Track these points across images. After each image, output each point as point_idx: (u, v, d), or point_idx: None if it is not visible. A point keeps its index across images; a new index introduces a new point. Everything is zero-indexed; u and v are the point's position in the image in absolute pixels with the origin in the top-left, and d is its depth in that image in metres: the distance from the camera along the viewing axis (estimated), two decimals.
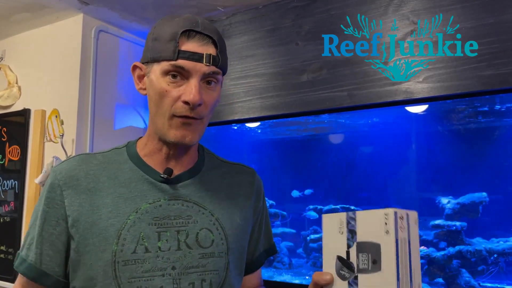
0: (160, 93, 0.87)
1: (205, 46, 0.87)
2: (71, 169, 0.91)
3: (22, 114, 2.47)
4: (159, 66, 0.87)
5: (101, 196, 0.89)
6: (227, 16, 2.27)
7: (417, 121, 2.57)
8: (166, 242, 0.88)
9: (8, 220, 2.47)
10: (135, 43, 2.59)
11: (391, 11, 1.81)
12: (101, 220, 0.87)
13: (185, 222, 0.91)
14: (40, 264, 0.88)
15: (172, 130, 0.87)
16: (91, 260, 0.86)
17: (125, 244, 0.86)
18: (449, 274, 2.06)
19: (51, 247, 0.89)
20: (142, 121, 2.60)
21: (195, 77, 0.86)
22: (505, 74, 1.56)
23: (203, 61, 0.86)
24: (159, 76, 0.87)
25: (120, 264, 0.85)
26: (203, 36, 0.87)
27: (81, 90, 2.29)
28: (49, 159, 2.21)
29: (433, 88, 1.70)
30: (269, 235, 1.13)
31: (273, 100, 2.07)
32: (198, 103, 0.85)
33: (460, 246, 2.07)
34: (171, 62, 0.85)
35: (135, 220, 0.88)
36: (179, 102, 0.86)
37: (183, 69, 0.85)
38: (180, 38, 0.86)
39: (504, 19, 1.59)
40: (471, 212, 2.17)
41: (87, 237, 0.87)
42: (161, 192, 0.92)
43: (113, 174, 0.92)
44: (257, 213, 1.06)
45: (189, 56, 0.85)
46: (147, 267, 0.86)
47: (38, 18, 2.40)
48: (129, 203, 0.89)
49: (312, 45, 1.99)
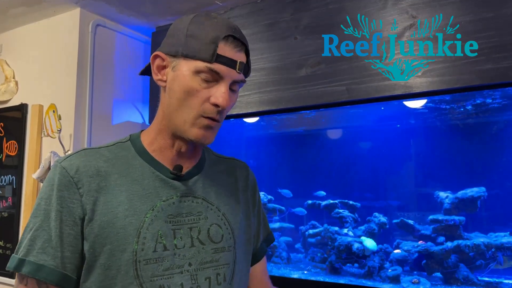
0: (188, 91, 0.87)
1: (239, 53, 0.88)
2: (82, 165, 0.88)
3: (19, 109, 2.46)
4: (191, 64, 0.86)
5: (115, 194, 0.87)
6: (225, 10, 2.26)
7: (416, 116, 2.57)
8: (181, 239, 0.89)
9: (6, 216, 2.47)
10: (132, 37, 2.58)
11: (390, 5, 1.80)
12: (118, 219, 0.85)
13: (196, 218, 0.92)
14: (64, 267, 0.84)
15: (195, 129, 0.88)
16: (109, 261, 0.84)
17: (145, 243, 0.85)
18: (447, 268, 2.06)
19: (69, 248, 0.85)
20: (140, 116, 2.59)
21: (226, 82, 0.87)
22: (505, 68, 1.56)
23: (236, 68, 0.87)
24: (190, 73, 0.86)
25: (141, 263, 0.84)
26: (239, 43, 0.88)
27: (78, 84, 2.28)
28: (47, 154, 2.20)
29: (432, 83, 1.69)
30: (266, 223, 1.16)
31: (271, 95, 2.07)
32: (226, 108, 0.87)
33: (458, 240, 2.07)
34: (207, 64, 0.85)
35: (152, 218, 0.87)
36: (207, 104, 0.87)
37: (217, 73, 0.86)
38: (220, 42, 0.86)
39: (503, 13, 1.58)
40: (470, 206, 2.17)
41: (103, 236, 0.84)
42: (173, 189, 0.92)
43: (124, 171, 0.91)
44: (255, 205, 1.09)
45: (226, 62, 0.86)
46: (166, 265, 0.86)
47: (35, 12, 2.39)
48: (145, 200, 0.88)
49: (311, 39, 1.98)
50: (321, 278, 2.26)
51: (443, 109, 2.39)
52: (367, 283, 2.14)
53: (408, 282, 2.04)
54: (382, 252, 2.28)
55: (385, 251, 2.31)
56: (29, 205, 2.32)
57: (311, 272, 2.40)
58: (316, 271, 2.40)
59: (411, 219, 2.34)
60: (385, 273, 2.15)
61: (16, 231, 2.38)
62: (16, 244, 2.47)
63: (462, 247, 2.03)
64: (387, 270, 2.17)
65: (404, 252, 2.24)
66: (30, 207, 2.31)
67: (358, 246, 2.26)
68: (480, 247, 2.01)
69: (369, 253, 2.24)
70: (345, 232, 2.46)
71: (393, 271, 2.13)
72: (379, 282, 2.13)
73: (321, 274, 2.34)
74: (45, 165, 2.15)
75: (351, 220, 2.53)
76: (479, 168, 2.40)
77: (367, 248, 2.25)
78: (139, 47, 2.62)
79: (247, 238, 1.02)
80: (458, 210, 2.18)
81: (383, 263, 2.22)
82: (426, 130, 2.66)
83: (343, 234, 2.44)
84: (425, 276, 2.12)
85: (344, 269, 2.34)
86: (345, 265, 2.35)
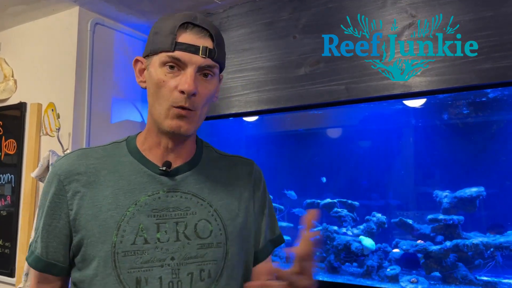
0: (157, 83, 0.89)
1: (201, 39, 0.89)
2: (71, 163, 0.93)
3: (18, 108, 2.46)
4: (157, 58, 0.90)
5: (101, 189, 0.91)
6: (224, 9, 2.26)
7: (415, 115, 2.57)
8: (165, 233, 0.90)
9: (4, 214, 2.47)
10: (131, 36, 2.58)
11: (389, 3, 1.80)
12: (101, 212, 0.89)
13: (184, 213, 0.93)
14: (47, 256, 0.92)
15: (168, 120, 0.89)
16: (93, 251, 0.88)
17: (124, 235, 0.88)
18: (446, 268, 2.06)
19: (55, 239, 0.92)
20: (139, 115, 2.59)
21: (191, 68, 0.88)
22: (504, 67, 1.55)
23: (199, 53, 0.88)
24: (157, 67, 0.90)
25: (119, 255, 0.87)
26: (200, 29, 0.89)
27: (77, 83, 2.27)
28: (46, 152, 2.20)
29: (431, 82, 1.69)
30: (273, 225, 1.13)
31: (270, 94, 2.06)
32: (192, 93, 0.87)
33: (457, 240, 2.07)
34: (169, 53, 0.88)
35: (134, 212, 0.90)
36: (176, 92, 0.88)
37: (179, 60, 0.87)
38: (178, 30, 0.88)
39: (502, 12, 1.58)
40: (469, 206, 2.17)
41: (88, 229, 0.89)
42: (160, 184, 0.94)
43: (113, 167, 0.94)
44: (257, 202, 1.07)
45: (186, 48, 0.87)
46: (146, 258, 0.88)
47: (34, 11, 2.38)
48: (129, 195, 0.91)
49: (310, 38, 1.98)
50: (320, 277, 2.26)
51: (442, 108, 2.38)
52: (365, 283, 2.14)
53: (407, 281, 2.04)
54: (380, 251, 2.28)
55: (384, 250, 2.31)
56: (27, 203, 2.32)
57: None
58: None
59: (410, 219, 2.34)
60: (383, 272, 2.15)
61: (15, 229, 2.38)
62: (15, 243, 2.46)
63: (461, 247, 2.03)
64: (385, 270, 2.17)
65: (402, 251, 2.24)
66: (29, 206, 2.31)
67: (357, 245, 2.26)
68: (478, 247, 2.01)
69: (368, 252, 2.24)
70: (344, 231, 2.46)
71: (391, 270, 2.13)
72: (377, 282, 2.13)
73: (319, 273, 2.34)
74: (44, 164, 2.15)
75: (350, 219, 2.53)
76: (478, 168, 2.40)
77: (365, 247, 2.25)
78: (138, 45, 2.62)
79: (245, 235, 1.01)
80: (457, 210, 2.18)
81: (381, 262, 2.22)
82: (425, 129, 2.66)
83: (342, 233, 2.44)
84: (424, 276, 2.12)
85: (343, 268, 2.34)
86: (343, 264, 2.35)
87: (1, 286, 2.39)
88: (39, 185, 2.33)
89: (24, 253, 2.21)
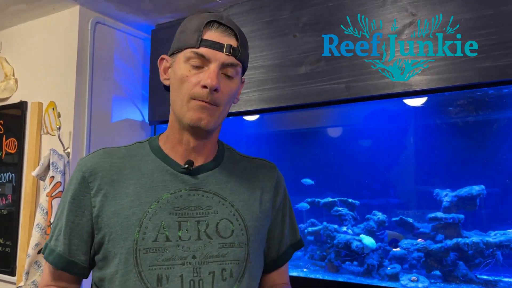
0: (180, 78, 0.91)
1: (226, 37, 0.91)
2: (96, 161, 0.95)
3: (19, 107, 2.46)
4: (182, 54, 0.92)
5: (124, 187, 0.93)
6: (225, 8, 2.26)
7: (415, 114, 2.57)
8: (187, 231, 0.91)
9: (5, 213, 2.47)
10: (132, 35, 2.58)
11: (390, 2, 1.80)
12: (124, 210, 0.90)
13: (205, 212, 0.93)
14: (69, 253, 0.93)
15: (190, 112, 0.90)
16: (115, 248, 0.89)
17: (146, 232, 0.89)
18: (446, 266, 2.06)
19: (77, 236, 0.93)
20: (139, 113, 2.59)
21: (214, 65, 0.90)
22: (504, 65, 1.55)
23: (223, 51, 0.90)
24: (182, 63, 0.91)
25: (141, 252, 0.88)
26: (225, 27, 0.92)
27: (78, 82, 2.28)
28: (46, 151, 2.20)
29: (431, 80, 1.69)
30: (294, 230, 1.14)
31: (270, 93, 2.06)
32: (215, 88, 0.88)
33: (457, 238, 2.07)
34: (194, 50, 0.90)
35: (156, 209, 0.91)
36: (198, 87, 0.89)
37: (203, 56, 0.89)
38: (204, 28, 0.90)
39: (502, 10, 1.58)
40: (469, 205, 2.17)
41: (110, 226, 0.90)
42: (182, 182, 0.95)
43: (136, 166, 0.96)
44: (276, 207, 1.07)
45: (211, 45, 0.90)
46: (167, 256, 0.88)
47: (34, 10, 2.39)
48: (151, 193, 0.92)
49: (310, 37, 1.98)
50: (320, 276, 2.26)
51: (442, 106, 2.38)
52: (366, 281, 2.14)
53: (407, 280, 2.04)
54: (381, 250, 2.28)
55: (384, 249, 2.31)
56: (28, 202, 2.32)
57: (310, 270, 2.40)
58: (315, 269, 2.40)
59: (410, 217, 2.34)
60: (384, 271, 2.15)
61: (16, 228, 2.38)
62: (16, 242, 2.46)
63: (461, 245, 2.03)
64: (386, 268, 2.17)
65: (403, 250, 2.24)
66: (30, 205, 2.31)
67: (357, 244, 2.26)
68: (479, 245, 2.01)
69: (368, 251, 2.24)
70: (344, 230, 2.46)
71: (392, 269, 2.13)
72: (378, 280, 2.13)
73: (320, 272, 2.34)
74: (45, 163, 2.15)
75: (350, 218, 2.53)
76: (479, 166, 2.40)
77: (366, 246, 2.25)
78: (139, 44, 2.62)
79: (262, 239, 1.01)
80: (457, 208, 2.18)
81: (382, 261, 2.22)
82: (425, 128, 2.65)
83: (342, 232, 2.44)
84: (424, 275, 2.12)
85: (344, 267, 2.34)
86: (344, 263, 2.35)
87: (2, 284, 2.40)
88: (39, 184, 2.34)
89: (25, 252, 2.21)
